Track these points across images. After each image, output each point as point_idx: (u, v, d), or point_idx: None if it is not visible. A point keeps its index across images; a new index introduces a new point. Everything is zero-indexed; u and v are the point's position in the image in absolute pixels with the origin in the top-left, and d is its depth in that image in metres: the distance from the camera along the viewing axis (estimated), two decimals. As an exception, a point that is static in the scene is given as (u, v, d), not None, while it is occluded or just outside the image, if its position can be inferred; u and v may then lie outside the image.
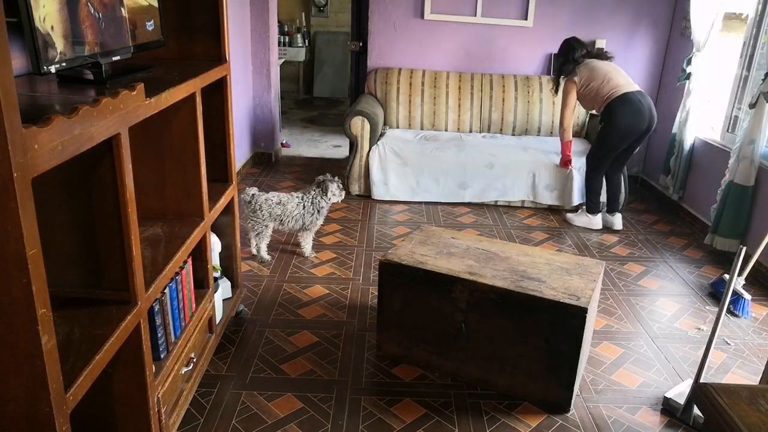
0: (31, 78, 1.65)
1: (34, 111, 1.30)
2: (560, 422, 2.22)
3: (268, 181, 4.81)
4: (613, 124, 3.83)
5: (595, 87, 3.86)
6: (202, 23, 2.29)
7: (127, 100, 1.42)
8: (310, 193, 3.34)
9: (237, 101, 4.37)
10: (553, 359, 2.21)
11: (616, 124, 3.81)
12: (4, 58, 0.95)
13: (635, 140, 3.89)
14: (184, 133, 2.03)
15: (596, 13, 4.88)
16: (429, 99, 4.86)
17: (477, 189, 4.37)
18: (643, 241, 3.96)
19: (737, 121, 3.99)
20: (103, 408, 1.65)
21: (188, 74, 1.96)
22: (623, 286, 3.32)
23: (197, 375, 2.13)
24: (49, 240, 1.33)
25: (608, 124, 3.86)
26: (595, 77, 3.87)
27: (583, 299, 2.16)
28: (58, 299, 1.38)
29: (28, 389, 1.14)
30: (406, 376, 2.44)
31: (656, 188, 4.89)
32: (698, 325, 2.96)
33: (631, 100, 3.77)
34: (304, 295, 3.04)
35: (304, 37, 8.13)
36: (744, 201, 3.59)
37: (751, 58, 3.91)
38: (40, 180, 1.09)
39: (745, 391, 1.65)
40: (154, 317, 1.74)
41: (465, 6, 4.87)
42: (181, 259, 1.88)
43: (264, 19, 4.89)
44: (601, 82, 3.85)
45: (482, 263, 2.41)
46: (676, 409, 2.28)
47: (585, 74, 3.91)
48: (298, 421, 2.15)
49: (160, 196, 2.09)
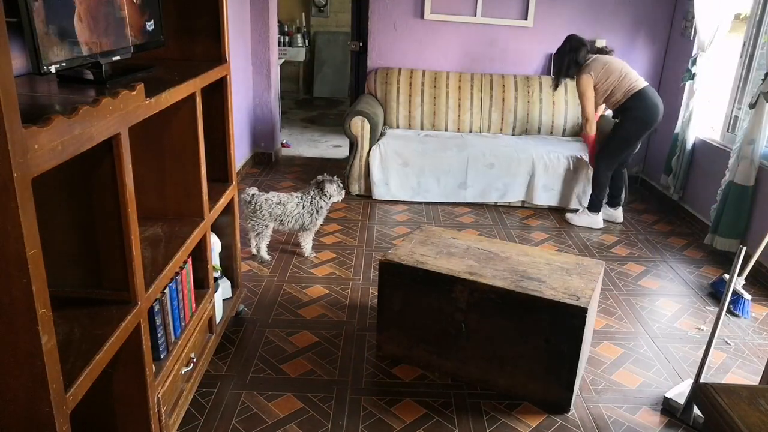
0: (31, 78, 1.65)
1: (34, 111, 1.30)
2: (560, 422, 2.22)
3: (268, 181, 4.81)
4: (635, 119, 3.86)
5: (613, 82, 3.85)
6: (203, 23, 2.29)
7: (127, 100, 1.42)
8: (309, 193, 3.34)
9: (237, 101, 4.37)
10: (553, 359, 2.21)
11: (640, 118, 3.85)
12: (4, 58, 0.95)
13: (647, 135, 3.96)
14: (184, 133, 2.03)
15: (596, 13, 4.88)
16: (429, 99, 4.86)
17: (477, 189, 4.37)
18: (643, 241, 3.96)
19: (737, 121, 3.99)
20: (103, 408, 1.65)
21: (188, 74, 1.96)
22: (623, 286, 3.32)
23: (197, 375, 2.13)
24: (49, 240, 1.33)
25: (629, 120, 3.87)
26: (612, 72, 3.86)
27: (583, 299, 2.16)
28: (58, 299, 1.38)
29: (28, 389, 1.14)
30: (406, 376, 2.44)
31: (656, 188, 4.89)
32: (698, 325, 2.96)
33: (649, 95, 3.84)
34: (304, 295, 3.04)
35: (304, 37, 8.13)
36: (744, 201, 3.59)
37: (751, 58, 3.91)
38: (40, 180, 1.09)
39: (745, 391, 1.65)
40: (154, 317, 1.74)
41: (465, 6, 4.87)
42: (181, 259, 1.88)
43: (264, 19, 4.89)
44: (618, 77, 3.85)
45: (482, 263, 2.41)
46: (676, 409, 2.28)
47: (599, 69, 3.87)
48: (298, 421, 2.15)
49: (160, 196, 2.09)
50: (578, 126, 4.88)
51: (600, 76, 3.87)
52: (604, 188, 4.09)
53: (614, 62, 3.90)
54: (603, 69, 3.87)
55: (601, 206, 4.13)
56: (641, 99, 3.82)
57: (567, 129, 4.90)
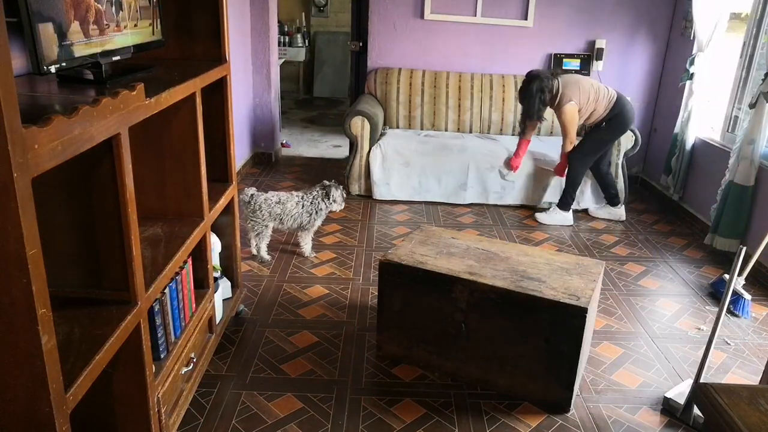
0: (31, 78, 1.65)
1: (34, 111, 1.30)
2: (560, 422, 2.22)
3: (268, 181, 4.81)
4: (621, 124, 3.92)
5: (594, 98, 3.84)
6: (202, 23, 2.29)
7: (127, 100, 1.42)
8: (311, 193, 3.34)
9: (237, 101, 4.37)
10: (553, 359, 2.21)
11: (625, 123, 3.93)
12: (4, 58, 0.95)
13: None
14: (184, 133, 2.03)
15: (596, 13, 4.88)
16: (429, 99, 4.86)
17: (478, 189, 4.37)
18: (643, 241, 3.96)
19: (737, 121, 3.99)
20: (103, 408, 1.65)
21: (188, 74, 1.96)
22: (623, 286, 3.32)
23: (197, 375, 2.13)
24: (49, 240, 1.33)
25: (614, 125, 3.92)
26: (587, 90, 3.83)
27: (583, 299, 2.16)
28: (58, 299, 1.38)
29: (28, 389, 1.14)
30: (406, 376, 2.44)
31: (656, 188, 4.89)
32: (698, 325, 2.95)
33: (626, 99, 3.95)
34: (304, 295, 3.04)
35: (304, 37, 8.13)
36: (744, 201, 3.59)
37: (751, 58, 3.91)
38: (40, 180, 1.09)
39: (745, 391, 1.65)
40: (154, 317, 1.74)
41: (465, 6, 4.87)
42: (181, 259, 1.88)
43: (264, 19, 4.89)
44: (595, 93, 3.85)
45: (482, 263, 2.41)
46: (676, 409, 2.28)
47: (577, 93, 3.79)
48: (298, 421, 2.15)
49: (160, 196, 2.09)
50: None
51: (581, 99, 3.81)
52: (577, 187, 4.12)
53: (581, 80, 3.87)
54: (580, 92, 3.80)
55: (571, 205, 4.15)
56: (623, 104, 3.89)
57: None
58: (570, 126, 3.88)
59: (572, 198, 4.13)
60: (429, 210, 4.34)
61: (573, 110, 3.82)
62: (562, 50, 4.97)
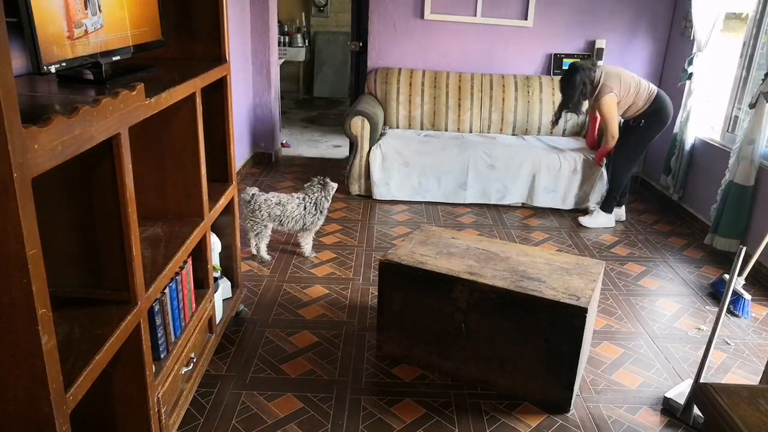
0: (31, 78, 1.65)
1: (34, 111, 1.30)
2: (560, 422, 2.22)
3: (268, 181, 4.81)
4: (659, 121, 3.90)
5: (635, 92, 3.84)
6: (202, 23, 2.29)
7: (127, 100, 1.42)
8: (312, 194, 3.34)
9: (237, 101, 4.37)
10: (553, 359, 2.21)
11: (663, 119, 3.90)
12: (4, 58, 0.95)
13: None
14: (184, 133, 2.03)
15: (596, 13, 4.88)
16: (429, 99, 4.86)
17: (478, 189, 4.37)
18: (643, 241, 3.96)
19: (737, 121, 3.99)
20: (103, 408, 1.65)
21: (188, 74, 1.96)
22: (623, 286, 3.32)
23: (197, 375, 2.13)
24: (49, 240, 1.33)
25: (654, 121, 3.90)
26: (628, 83, 3.82)
27: (583, 299, 2.16)
28: (58, 299, 1.38)
29: (28, 389, 1.14)
30: (406, 376, 2.44)
31: (656, 188, 4.89)
32: (698, 325, 2.95)
33: (665, 94, 3.92)
34: (304, 295, 3.04)
35: (304, 37, 8.13)
36: (744, 201, 3.59)
37: (751, 58, 3.91)
38: (40, 180, 1.09)
39: (745, 391, 1.65)
40: (154, 317, 1.74)
41: (465, 6, 4.87)
42: (181, 259, 1.88)
43: (264, 19, 4.89)
44: (636, 87, 3.84)
45: (482, 263, 2.41)
46: (676, 409, 2.28)
47: (618, 85, 3.79)
48: (298, 421, 2.15)
49: (160, 196, 2.09)
50: (578, 126, 4.88)
51: (621, 92, 3.81)
52: (621, 188, 4.11)
53: (623, 73, 3.88)
54: (621, 85, 3.80)
55: (614, 207, 4.14)
56: (663, 99, 3.88)
57: (567, 129, 4.89)
58: (609, 118, 3.86)
59: (615, 200, 4.13)
60: (429, 210, 4.34)
61: (612, 102, 3.80)
62: (562, 50, 4.98)
